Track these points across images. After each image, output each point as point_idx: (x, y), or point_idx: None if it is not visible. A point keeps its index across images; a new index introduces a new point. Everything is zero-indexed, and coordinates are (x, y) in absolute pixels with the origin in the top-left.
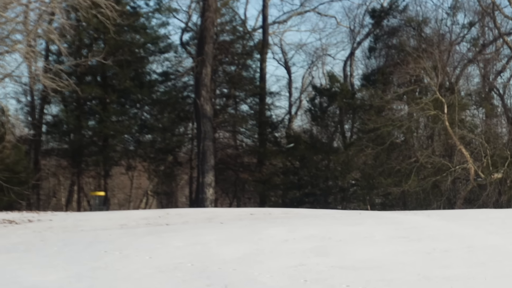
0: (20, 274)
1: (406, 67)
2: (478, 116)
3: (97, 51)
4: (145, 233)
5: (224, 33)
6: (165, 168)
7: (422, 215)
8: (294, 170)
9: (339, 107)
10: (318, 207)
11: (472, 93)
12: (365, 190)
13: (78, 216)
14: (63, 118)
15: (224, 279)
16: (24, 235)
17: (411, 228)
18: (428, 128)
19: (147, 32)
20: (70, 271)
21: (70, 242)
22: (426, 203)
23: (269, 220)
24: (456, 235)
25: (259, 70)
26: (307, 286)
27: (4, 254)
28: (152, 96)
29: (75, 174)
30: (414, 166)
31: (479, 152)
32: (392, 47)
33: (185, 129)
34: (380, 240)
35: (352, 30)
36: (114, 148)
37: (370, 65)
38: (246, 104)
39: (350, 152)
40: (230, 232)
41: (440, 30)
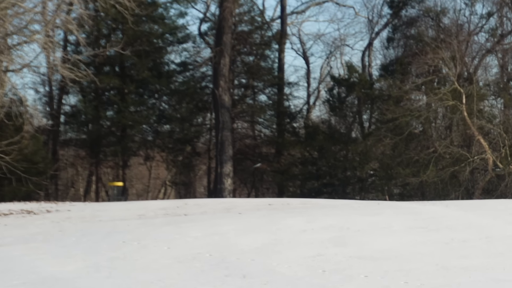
0: (38, 264)
1: (425, 57)
2: (497, 106)
3: (115, 41)
4: (163, 224)
5: (242, 23)
6: (183, 159)
7: (440, 205)
8: (313, 160)
9: (358, 97)
10: (336, 197)
11: (490, 83)
12: (383, 181)
13: (96, 207)
14: (81, 109)
15: (242, 269)
16: (42, 225)
17: (429, 219)
18: (447, 118)
19: (165, 22)
20: (88, 261)
21: (88, 232)
22: (444, 194)
23: (287, 210)
24: (474, 225)
25: (277, 61)
26: (326, 276)
27: (23, 244)
28: (170, 86)
29: (93, 164)
30: (433, 157)
31: (497, 143)
32: (410, 37)
33: (203, 119)
34: (399, 231)
35: (371, 20)
36: (132, 139)
37: (389, 56)
38: (264, 95)
39: (368, 142)
40: (248, 223)
41: (459, 20)
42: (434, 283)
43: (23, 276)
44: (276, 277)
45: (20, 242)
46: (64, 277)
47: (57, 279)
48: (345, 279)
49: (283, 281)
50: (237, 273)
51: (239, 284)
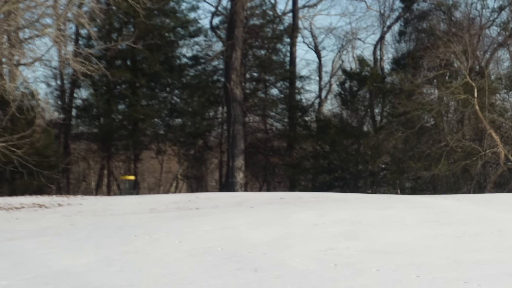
0: (50, 258)
1: (436, 51)
2: (509, 100)
3: (127, 35)
4: (175, 217)
5: (254, 17)
6: (195, 152)
7: (452, 199)
8: (324, 154)
9: (369, 91)
10: (348, 191)
11: (502, 77)
12: (395, 174)
13: (108, 200)
14: (93, 102)
15: (254, 263)
16: (54, 219)
17: (441, 212)
18: (458, 112)
19: (177, 16)
20: (99, 255)
21: (100, 226)
22: (456, 187)
23: (299, 204)
24: (486, 219)
25: (289, 54)
26: (337, 270)
27: (34, 238)
28: (182, 80)
29: (105, 158)
30: (444, 150)
31: (509, 136)
32: (422, 31)
33: (215, 113)
34: (410, 224)
35: (382, 14)
36: (144, 132)
37: (400, 49)
38: (276, 88)
39: (380, 136)
40: (260, 216)
41: (470, 14)
42: (446, 276)
43: (35, 270)
44: (287, 270)
45: (31, 236)
46: (75, 271)
47: (68, 273)
48: (357, 272)
49: (294, 275)
50: (249, 266)
51: (250, 278)
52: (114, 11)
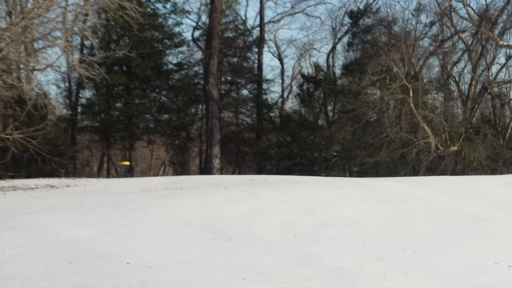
0: (60, 230)
1: (378, 58)
2: (438, 99)
3: (123, 46)
4: (163, 196)
5: (228, 30)
6: (179, 142)
7: (391, 181)
8: (286, 144)
9: (323, 92)
10: (306, 174)
11: (433, 80)
12: (345, 161)
13: (107, 182)
14: (95, 101)
15: (228, 233)
16: (63, 197)
17: (382, 192)
18: (397, 109)
19: (164, 29)
20: (100, 227)
21: (100, 203)
22: (395, 171)
23: (265, 185)
24: (419, 197)
25: (256, 61)
26: (297, 240)
27: (47, 213)
28: (168, 83)
29: (105, 147)
30: (385, 141)
31: (438, 129)
32: (366, 42)
33: (196, 110)
34: (357, 202)
35: (334, 28)
36: (137, 126)
37: (349, 57)
38: (246, 89)
39: (332, 129)
40: (233, 195)
41: (406, 28)
42: (386, 245)
43: (47, 239)
44: (255, 240)
45: (44, 211)
46: (80, 240)
47: (75, 242)
48: (313, 242)
49: (261, 243)
50: (224, 237)
51: (225, 246)
52: (112, 26)
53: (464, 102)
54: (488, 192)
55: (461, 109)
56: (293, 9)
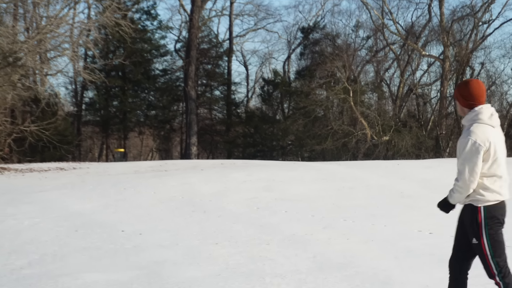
0: (68, 204)
1: (325, 65)
2: (373, 98)
3: (118, 55)
4: (151, 177)
5: (203, 43)
6: (164, 133)
7: (335, 164)
8: (250, 134)
9: (280, 92)
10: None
11: (368, 83)
12: (297, 148)
13: (106, 165)
14: (96, 100)
15: (203, 207)
16: (70, 177)
17: (328, 173)
18: (339, 106)
19: (152, 42)
20: (100, 201)
21: (100, 182)
22: (338, 157)
23: (233, 168)
24: (358, 177)
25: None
26: (259, 212)
27: (57, 190)
28: (155, 85)
29: (104, 137)
30: (330, 132)
31: (373, 122)
32: (315, 52)
33: (177, 107)
34: (308, 181)
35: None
36: (130, 120)
37: (301, 64)
38: (218, 90)
39: (287, 122)
40: (207, 176)
41: (347, 41)
42: (331, 216)
43: (57, 211)
44: (226, 212)
45: (55, 189)
46: (84, 212)
47: (79, 214)
48: (272, 213)
49: (230, 215)
50: (200, 209)
51: (201, 217)
52: (110, 39)
53: (394, 101)
54: (413, 174)
55: (391, 107)
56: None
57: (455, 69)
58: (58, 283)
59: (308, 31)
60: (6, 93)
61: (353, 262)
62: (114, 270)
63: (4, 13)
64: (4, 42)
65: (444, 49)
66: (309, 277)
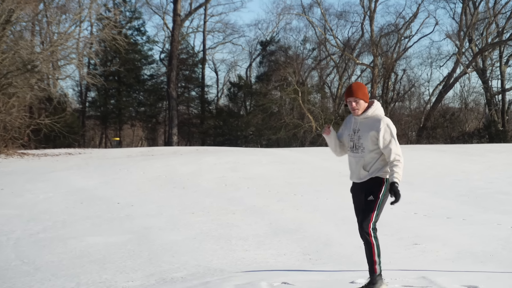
0: (75, 182)
1: (279, 71)
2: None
3: (115, 63)
4: (141, 160)
5: (182, 53)
6: (151, 125)
7: (287, 150)
8: (220, 126)
9: (243, 93)
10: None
11: (314, 85)
12: (257, 137)
13: (105, 151)
14: (97, 99)
15: (182, 184)
16: (76, 160)
17: (281, 157)
18: (290, 104)
19: (141, 53)
20: (101, 179)
21: (101, 164)
22: (289, 144)
23: (206, 153)
24: (305, 161)
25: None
26: (226, 188)
27: (66, 171)
28: (144, 87)
29: (103, 128)
30: (283, 124)
31: (317, 117)
32: (271, 61)
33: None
34: (265, 163)
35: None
36: (124, 115)
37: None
38: (194, 91)
39: (249, 117)
40: (186, 159)
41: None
42: (284, 191)
43: (66, 187)
44: (200, 188)
45: (64, 169)
46: (88, 188)
47: (84, 189)
48: (237, 189)
49: (204, 190)
50: (180, 186)
51: (180, 192)
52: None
53: (334, 100)
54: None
55: (332, 104)
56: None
57: (383, 74)
58: (67, 245)
59: (266, 44)
60: (25, 94)
61: (301, 228)
62: (111, 234)
63: (24, 30)
64: (24, 53)
65: (374, 59)
66: (266, 240)
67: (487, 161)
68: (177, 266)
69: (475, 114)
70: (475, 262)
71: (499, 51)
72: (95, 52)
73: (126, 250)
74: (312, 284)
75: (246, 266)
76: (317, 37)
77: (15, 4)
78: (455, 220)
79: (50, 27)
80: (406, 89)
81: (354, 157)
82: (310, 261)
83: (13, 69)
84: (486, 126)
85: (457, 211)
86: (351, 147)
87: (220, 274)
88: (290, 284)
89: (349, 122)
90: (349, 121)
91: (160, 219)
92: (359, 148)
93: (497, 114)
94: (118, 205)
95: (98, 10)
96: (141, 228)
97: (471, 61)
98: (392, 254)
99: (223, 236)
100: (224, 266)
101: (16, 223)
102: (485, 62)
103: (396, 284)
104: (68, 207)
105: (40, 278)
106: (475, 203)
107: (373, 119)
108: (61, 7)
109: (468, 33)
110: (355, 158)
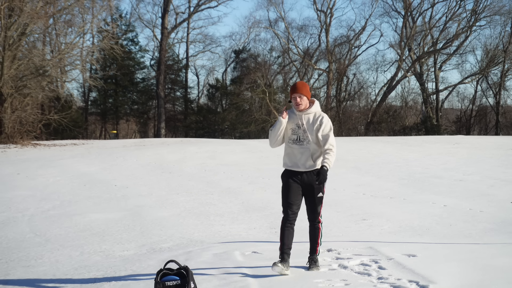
0: (78, 167)
1: (250, 75)
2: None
3: (113, 68)
4: (134, 149)
5: (169, 60)
6: (143, 120)
7: (257, 141)
8: (200, 121)
9: (220, 93)
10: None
11: (279, 87)
12: (231, 130)
13: (104, 142)
14: (97, 98)
15: (170, 169)
16: (80, 150)
17: (252, 147)
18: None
19: (135, 60)
20: (100, 166)
21: (101, 153)
22: (258, 136)
23: (189, 143)
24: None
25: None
26: (206, 173)
27: (72, 158)
28: (137, 89)
29: (103, 123)
30: (253, 120)
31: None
32: (244, 67)
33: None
34: (239, 152)
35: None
36: (120, 112)
37: (234, 75)
38: (179, 92)
39: (225, 113)
40: (172, 148)
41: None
42: (254, 175)
43: (71, 172)
44: (184, 173)
45: (70, 157)
46: (90, 173)
47: (86, 174)
48: (215, 174)
49: (187, 175)
50: (167, 171)
51: (168, 176)
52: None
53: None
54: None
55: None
56: (204, 49)
57: (336, 78)
58: (72, 220)
59: (239, 52)
60: (37, 94)
61: (268, 206)
62: (109, 211)
63: (36, 41)
64: (36, 60)
65: (329, 65)
66: (239, 216)
67: (423, 150)
68: (165, 238)
69: (413, 111)
70: (414, 235)
71: (433, 58)
72: (96, 59)
73: (122, 224)
74: (277, 253)
75: (222, 238)
76: (282, 47)
77: (29, 19)
78: (397, 200)
79: (59, 38)
80: (356, 90)
81: (299, 148)
82: (275, 234)
83: (28, 73)
84: (423, 121)
85: (398, 192)
86: (294, 139)
87: (201, 245)
88: (259, 253)
89: (291, 118)
90: (291, 117)
91: (150, 199)
92: (304, 140)
93: (432, 111)
94: (115, 187)
95: (99, 24)
96: (134, 206)
97: (410, 66)
98: (344, 228)
99: (203, 213)
100: (204, 238)
101: (30, 202)
102: (422, 68)
103: (348, 253)
104: (74, 189)
105: (50, 248)
106: (413, 185)
107: (316, 115)
108: (67, 21)
109: (408, 43)
110: (301, 148)
